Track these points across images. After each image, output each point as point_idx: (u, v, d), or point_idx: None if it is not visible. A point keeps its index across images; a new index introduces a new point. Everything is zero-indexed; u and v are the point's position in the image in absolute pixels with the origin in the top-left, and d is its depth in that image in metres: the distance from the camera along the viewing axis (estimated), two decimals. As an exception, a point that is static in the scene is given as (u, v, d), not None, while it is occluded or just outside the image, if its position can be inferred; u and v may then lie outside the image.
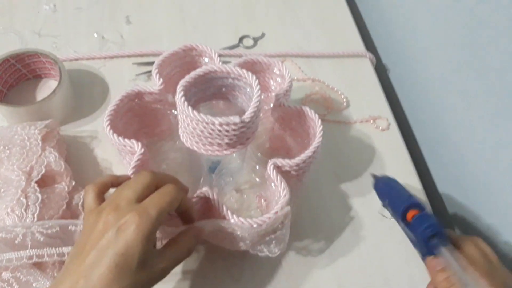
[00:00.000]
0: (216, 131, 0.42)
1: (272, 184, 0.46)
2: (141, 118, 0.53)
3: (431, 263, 0.42)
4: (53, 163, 0.49)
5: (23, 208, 0.44)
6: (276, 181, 0.45)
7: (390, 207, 0.49)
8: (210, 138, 0.43)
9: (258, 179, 0.55)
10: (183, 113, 0.42)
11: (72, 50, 0.69)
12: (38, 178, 0.47)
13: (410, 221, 0.44)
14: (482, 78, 0.54)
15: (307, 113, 0.50)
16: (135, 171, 0.44)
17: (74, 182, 0.51)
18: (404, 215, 0.45)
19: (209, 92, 0.48)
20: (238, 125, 0.41)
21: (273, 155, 0.57)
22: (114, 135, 0.46)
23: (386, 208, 0.50)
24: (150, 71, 0.66)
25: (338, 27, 0.77)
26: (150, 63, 0.67)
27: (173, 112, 0.53)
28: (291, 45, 0.73)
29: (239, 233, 0.42)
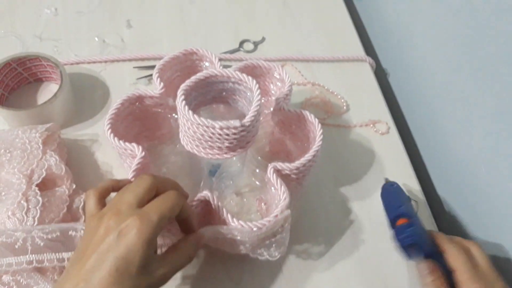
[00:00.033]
0: (216, 134, 0.42)
1: (272, 187, 0.46)
2: (141, 121, 0.54)
3: (420, 266, 0.45)
4: (53, 166, 0.49)
5: (24, 211, 0.44)
6: (276, 184, 0.45)
7: (386, 213, 0.52)
8: (210, 141, 0.43)
9: (258, 183, 0.55)
10: (183, 117, 0.43)
11: (73, 54, 0.69)
12: (39, 182, 0.47)
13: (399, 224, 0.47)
14: (481, 81, 0.54)
15: (307, 117, 0.50)
16: (135, 174, 0.45)
17: (75, 185, 0.51)
18: (393, 223, 0.48)
19: (209, 96, 0.48)
20: (238, 129, 0.42)
21: (273, 158, 0.57)
22: (115, 139, 0.47)
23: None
24: (150, 75, 0.66)
25: (338, 32, 0.77)
26: (150, 67, 0.67)
27: (173, 116, 0.54)
28: (291, 49, 0.73)
29: (239, 237, 0.42)
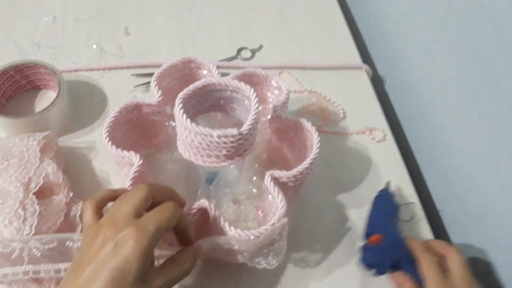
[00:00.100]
0: (214, 143, 0.42)
1: (270, 195, 0.46)
2: (139, 129, 0.54)
3: (391, 278, 0.48)
4: (51, 174, 0.49)
5: (21, 220, 0.44)
6: (274, 192, 0.45)
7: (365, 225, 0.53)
8: (208, 150, 0.43)
9: (255, 190, 0.55)
10: (181, 125, 0.43)
11: (71, 62, 0.69)
12: (36, 190, 0.47)
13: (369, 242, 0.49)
14: (477, 89, 0.55)
15: (304, 125, 0.51)
16: (133, 182, 0.45)
17: (72, 193, 0.51)
18: (366, 237, 0.50)
19: (207, 104, 0.48)
20: (236, 137, 0.42)
21: (270, 166, 0.57)
22: (113, 147, 0.47)
23: None
24: (148, 83, 0.66)
25: (335, 39, 0.77)
26: (148, 74, 0.67)
27: (171, 124, 0.54)
28: (289, 57, 0.74)
29: (237, 246, 0.42)
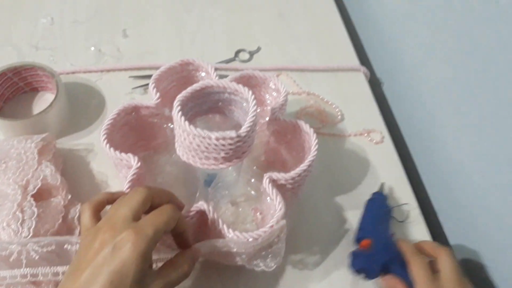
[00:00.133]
0: (212, 145, 0.42)
1: (268, 197, 0.46)
2: (137, 131, 0.54)
3: (384, 281, 0.48)
4: (49, 176, 0.49)
5: (19, 222, 0.44)
6: (272, 194, 0.45)
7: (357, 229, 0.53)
8: (206, 152, 0.43)
9: (253, 192, 0.55)
10: (180, 128, 0.43)
11: (69, 63, 0.69)
12: (34, 192, 0.47)
13: (360, 248, 0.50)
14: (475, 91, 0.55)
15: (302, 127, 0.51)
16: (131, 185, 0.45)
17: (70, 195, 0.51)
18: (357, 242, 0.51)
19: (205, 106, 0.48)
20: (234, 139, 0.42)
21: (269, 168, 0.57)
22: (111, 149, 0.47)
23: None
24: (146, 85, 0.66)
25: (332, 41, 0.78)
26: (146, 76, 0.67)
27: (169, 126, 0.54)
28: (287, 59, 0.74)
29: (235, 249, 0.42)
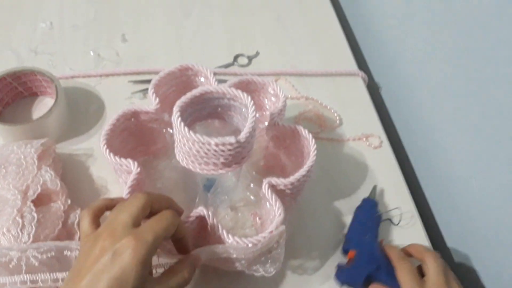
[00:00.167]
0: (212, 151, 0.42)
1: (267, 203, 0.46)
2: (137, 136, 0.54)
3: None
4: (49, 182, 0.49)
5: (19, 228, 0.44)
6: (271, 200, 0.45)
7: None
8: (205, 157, 0.43)
9: (252, 197, 0.55)
10: (179, 133, 0.43)
11: (68, 68, 0.69)
12: (34, 197, 0.47)
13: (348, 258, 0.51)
14: (473, 96, 0.55)
15: (301, 133, 0.51)
16: (131, 190, 0.45)
17: (70, 200, 0.51)
18: (345, 252, 0.53)
19: (205, 111, 0.49)
20: (234, 145, 0.42)
21: (268, 173, 0.57)
22: (111, 155, 0.47)
23: None
24: (145, 89, 0.66)
25: (331, 46, 0.78)
26: (145, 81, 0.68)
27: (168, 131, 0.54)
28: (285, 63, 0.74)
29: (234, 255, 0.42)
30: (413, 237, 0.56)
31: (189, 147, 0.43)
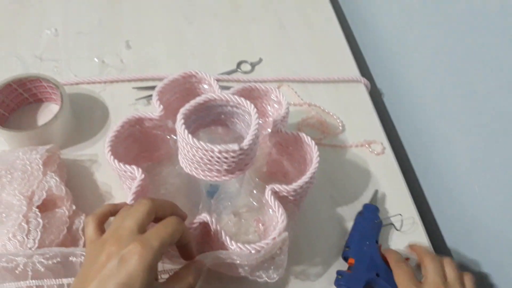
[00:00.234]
0: (215, 158, 0.43)
1: (270, 209, 0.47)
2: (141, 143, 0.54)
3: None
4: (54, 187, 0.50)
5: (25, 233, 0.44)
6: (274, 206, 0.46)
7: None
8: (209, 164, 0.44)
9: (255, 203, 0.55)
10: (183, 141, 0.44)
11: (73, 74, 0.70)
12: (39, 203, 0.48)
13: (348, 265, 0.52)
14: (475, 102, 0.55)
15: (304, 139, 0.51)
16: (135, 196, 0.45)
17: (75, 206, 0.51)
18: (345, 259, 0.53)
19: (208, 119, 0.49)
20: (237, 152, 0.42)
21: (271, 179, 0.58)
22: (115, 161, 0.47)
23: None
24: (150, 96, 0.67)
25: (333, 53, 0.79)
26: (150, 87, 0.68)
27: (172, 137, 0.54)
28: (288, 70, 0.75)
29: (238, 261, 0.43)
30: (415, 242, 0.56)
31: (192, 154, 0.43)
